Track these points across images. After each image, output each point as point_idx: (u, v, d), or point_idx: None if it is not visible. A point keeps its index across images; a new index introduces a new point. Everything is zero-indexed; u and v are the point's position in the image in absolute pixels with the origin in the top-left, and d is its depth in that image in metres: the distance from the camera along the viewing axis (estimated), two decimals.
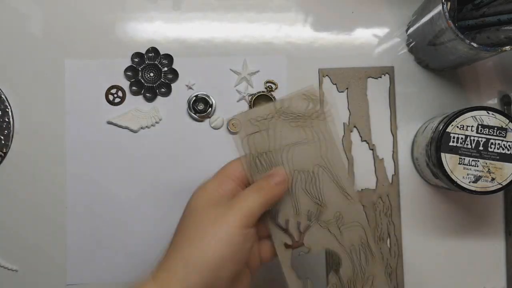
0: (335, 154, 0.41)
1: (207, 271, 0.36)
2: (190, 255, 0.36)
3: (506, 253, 0.56)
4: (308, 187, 0.40)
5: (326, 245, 0.41)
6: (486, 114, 0.48)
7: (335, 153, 0.41)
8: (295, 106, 0.40)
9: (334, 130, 0.40)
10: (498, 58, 0.56)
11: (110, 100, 0.56)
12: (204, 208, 0.39)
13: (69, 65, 0.56)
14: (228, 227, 0.37)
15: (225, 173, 0.41)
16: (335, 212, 0.41)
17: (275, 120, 0.40)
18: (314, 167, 0.41)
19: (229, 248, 0.36)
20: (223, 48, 0.57)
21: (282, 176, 0.40)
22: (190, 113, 0.56)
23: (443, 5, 0.46)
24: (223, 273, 0.36)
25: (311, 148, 0.41)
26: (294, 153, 0.40)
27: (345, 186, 0.40)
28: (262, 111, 0.41)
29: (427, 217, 0.56)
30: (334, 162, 0.41)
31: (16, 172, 0.56)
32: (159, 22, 0.57)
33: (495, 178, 0.48)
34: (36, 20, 0.57)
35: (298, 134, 0.40)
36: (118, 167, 0.56)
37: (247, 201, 0.38)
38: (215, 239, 0.36)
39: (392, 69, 0.57)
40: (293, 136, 0.40)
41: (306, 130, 0.40)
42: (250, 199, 0.38)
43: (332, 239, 0.41)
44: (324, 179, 0.40)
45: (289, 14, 0.57)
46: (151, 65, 0.56)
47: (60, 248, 0.55)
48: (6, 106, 0.56)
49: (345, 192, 0.41)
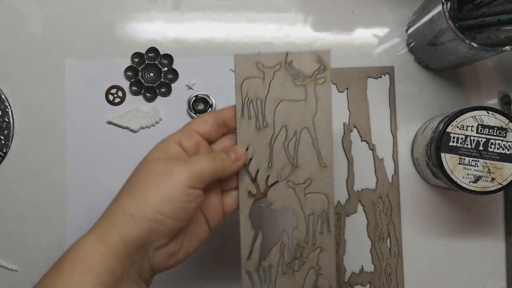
0: (325, 120, 0.41)
1: (145, 224, 0.36)
2: (129, 207, 0.36)
3: (506, 253, 0.56)
4: (288, 146, 0.41)
5: (287, 204, 0.41)
6: (486, 114, 0.48)
7: (326, 119, 0.41)
8: (304, 64, 0.40)
9: (331, 96, 0.40)
10: (498, 58, 0.56)
11: (110, 100, 0.56)
12: (156, 160, 0.38)
13: (69, 65, 0.56)
14: (172, 183, 0.36)
15: (191, 127, 0.41)
16: (307, 177, 0.41)
17: (281, 72, 0.40)
18: (301, 128, 0.41)
19: (170, 205, 0.36)
20: (223, 48, 0.57)
21: (241, 155, 0.40)
22: (190, 113, 0.56)
23: (443, 5, 0.46)
24: (162, 228, 0.36)
25: (304, 109, 0.41)
26: (287, 109, 0.41)
27: (323, 153, 0.40)
28: (271, 58, 0.41)
29: (427, 217, 0.56)
30: (322, 128, 0.41)
31: (16, 172, 0.56)
32: (159, 22, 0.57)
33: (495, 178, 0.48)
34: (36, 20, 0.57)
35: (298, 92, 0.40)
36: (118, 167, 0.56)
37: (200, 163, 0.38)
38: (156, 194, 0.36)
39: (392, 69, 0.57)
40: (292, 93, 0.40)
41: (307, 90, 0.40)
42: (203, 163, 0.38)
43: (295, 200, 0.41)
44: (305, 142, 0.40)
45: (289, 14, 0.57)
46: (151, 65, 0.56)
47: (60, 248, 0.55)
48: (6, 106, 0.56)
49: (322, 159, 0.40)
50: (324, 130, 0.41)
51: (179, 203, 0.36)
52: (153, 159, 0.39)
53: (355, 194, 0.56)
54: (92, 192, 0.56)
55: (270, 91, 0.41)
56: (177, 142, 0.40)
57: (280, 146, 0.41)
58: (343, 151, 0.56)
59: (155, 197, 0.36)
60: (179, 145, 0.40)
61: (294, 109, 0.41)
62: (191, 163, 0.37)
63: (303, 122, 0.41)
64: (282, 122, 0.41)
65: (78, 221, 0.56)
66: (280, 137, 0.41)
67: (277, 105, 0.41)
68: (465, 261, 0.56)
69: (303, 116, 0.41)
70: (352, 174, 0.56)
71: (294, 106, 0.41)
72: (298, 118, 0.41)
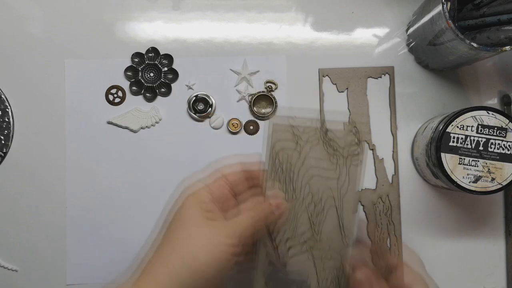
0: (352, 199, 0.40)
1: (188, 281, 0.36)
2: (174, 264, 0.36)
3: (506, 253, 0.56)
4: (313, 216, 0.40)
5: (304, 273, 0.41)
6: (486, 114, 0.48)
7: (353, 198, 0.40)
8: (339, 136, 0.40)
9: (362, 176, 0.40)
10: (498, 58, 0.56)
11: (110, 100, 0.56)
12: (195, 217, 0.38)
13: (69, 65, 0.56)
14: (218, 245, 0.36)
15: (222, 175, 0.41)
16: (327, 251, 0.41)
17: (315, 139, 0.40)
18: (327, 200, 0.40)
19: (214, 264, 0.36)
20: (223, 48, 0.57)
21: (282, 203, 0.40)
22: (190, 113, 0.56)
23: (443, 5, 0.46)
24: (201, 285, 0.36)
25: (333, 183, 0.40)
26: (315, 179, 0.40)
27: (346, 233, 0.40)
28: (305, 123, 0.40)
29: (427, 217, 0.56)
30: (348, 206, 0.40)
31: (16, 172, 0.56)
32: (159, 22, 0.57)
33: (495, 178, 0.48)
34: (36, 20, 0.57)
35: (329, 163, 0.40)
36: (118, 167, 0.56)
37: (242, 223, 0.38)
38: (202, 254, 0.36)
39: (392, 69, 0.57)
40: (323, 163, 0.40)
41: (338, 163, 0.40)
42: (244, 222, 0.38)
43: (312, 269, 0.41)
44: (331, 216, 0.40)
45: (289, 14, 0.57)
46: (151, 65, 0.56)
47: (60, 248, 0.55)
48: (6, 106, 0.56)
49: (344, 238, 0.40)
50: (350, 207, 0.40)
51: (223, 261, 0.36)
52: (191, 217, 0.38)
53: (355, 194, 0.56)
54: (92, 192, 0.56)
55: (302, 156, 0.40)
56: (209, 191, 0.39)
57: (305, 216, 0.40)
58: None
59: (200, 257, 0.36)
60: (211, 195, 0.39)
61: (323, 180, 0.40)
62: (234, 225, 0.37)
63: (330, 194, 0.40)
64: (311, 193, 0.40)
65: (78, 221, 0.56)
66: (306, 207, 0.40)
67: (306, 171, 0.40)
68: (465, 261, 0.56)
69: (330, 189, 0.40)
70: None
71: (323, 176, 0.40)
72: (325, 190, 0.40)
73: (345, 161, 0.39)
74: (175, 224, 0.39)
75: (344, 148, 0.39)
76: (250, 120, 0.56)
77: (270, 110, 0.56)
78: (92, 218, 0.56)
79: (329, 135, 0.39)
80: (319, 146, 0.40)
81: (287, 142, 0.40)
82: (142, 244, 0.56)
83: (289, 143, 0.40)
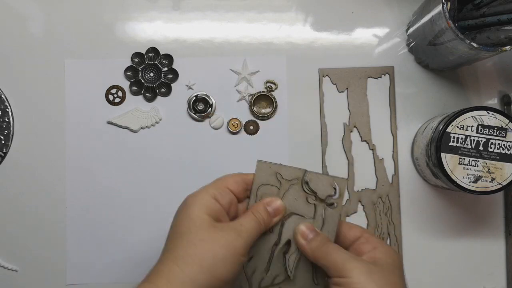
0: None
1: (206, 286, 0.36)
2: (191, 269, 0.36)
3: (506, 253, 0.56)
4: (288, 257, 0.41)
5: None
6: (486, 114, 0.48)
7: None
8: (321, 186, 0.41)
9: (338, 221, 0.41)
10: (498, 58, 0.56)
11: (110, 100, 0.56)
12: (203, 220, 0.38)
13: (69, 65, 0.56)
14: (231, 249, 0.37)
15: (224, 183, 0.41)
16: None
17: (297, 186, 0.41)
18: None
19: (230, 269, 0.36)
20: (223, 48, 0.57)
21: (280, 209, 0.41)
22: (190, 113, 0.56)
23: (443, 5, 0.46)
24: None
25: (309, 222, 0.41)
26: (293, 224, 0.41)
27: (319, 272, 0.41)
28: (290, 172, 0.42)
29: (427, 217, 0.56)
30: None
31: (16, 172, 0.56)
32: (159, 22, 0.57)
33: (495, 178, 0.48)
34: (36, 20, 0.57)
35: (307, 210, 0.41)
36: (118, 167, 0.56)
37: (247, 225, 0.38)
38: (219, 259, 0.36)
39: (392, 69, 0.57)
40: (302, 209, 0.41)
41: (316, 210, 0.41)
42: (248, 223, 0.39)
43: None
44: (305, 259, 0.41)
45: (289, 14, 0.57)
46: (151, 65, 0.56)
47: (60, 248, 0.55)
48: (6, 106, 0.56)
49: (316, 278, 0.41)
50: None
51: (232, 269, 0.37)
52: (199, 219, 0.38)
53: (355, 194, 0.56)
54: (92, 192, 0.56)
55: (282, 196, 0.41)
56: (214, 197, 0.40)
57: (280, 256, 0.41)
58: (343, 151, 0.56)
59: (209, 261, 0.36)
60: (217, 201, 0.40)
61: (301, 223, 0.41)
62: (244, 232, 0.38)
63: None
64: (288, 234, 0.41)
65: (78, 221, 0.56)
66: (282, 248, 0.41)
67: (287, 217, 0.41)
68: (465, 261, 0.56)
69: None
70: (352, 174, 0.56)
71: (302, 222, 0.41)
72: None
73: (323, 205, 0.41)
74: (182, 226, 0.38)
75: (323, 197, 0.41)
76: (250, 120, 0.56)
77: (270, 110, 0.56)
78: (92, 218, 0.56)
79: (310, 185, 0.41)
80: (299, 192, 0.41)
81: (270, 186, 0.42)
82: (142, 244, 0.56)
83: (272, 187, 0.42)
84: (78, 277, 0.55)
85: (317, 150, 0.56)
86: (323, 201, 0.41)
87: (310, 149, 0.56)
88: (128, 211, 0.56)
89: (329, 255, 0.38)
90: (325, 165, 0.56)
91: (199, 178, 0.55)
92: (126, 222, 0.56)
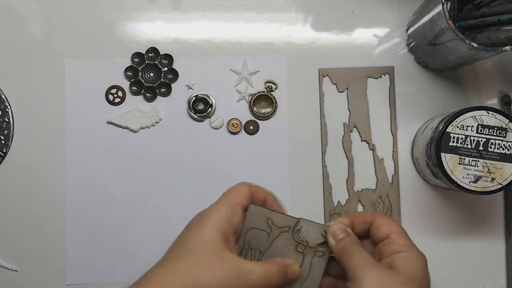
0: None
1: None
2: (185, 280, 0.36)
3: (506, 253, 0.56)
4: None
5: None
6: (486, 114, 0.48)
7: None
8: (311, 234, 0.41)
9: (324, 268, 0.41)
10: (498, 58, 0.56)
11: (110, 100, 0.56)
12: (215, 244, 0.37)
13: (69, 65, 0.56)
14: None
15: (237, 199, 0.40)
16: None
17: (287, 234, 0.41)
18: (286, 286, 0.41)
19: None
20: (223, 48, 0.57)
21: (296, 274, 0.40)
22: (190, 113, 0.56)
23: (443, 5, 0.46)
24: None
25: None
26: None
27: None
28: (282, 219, 0.41)
29: (427, 217, 0.56)
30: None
31: (16, 172, 0.56)
32: (159, 22, 0.57)
33: (495, 178, 0.48)
34: (36, 20, 0.57)
35: (296, 257, 0.41)
36: (118, 167, 0.56)
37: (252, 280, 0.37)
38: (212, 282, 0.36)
39: (392, 69, 0.57)
40: (291, 257, 0.41)
41: (304, 258, 0.41)
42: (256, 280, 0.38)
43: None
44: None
45: (289, 14, 0.57)
46: (151, 65, 0.56)
47: (60, 248, 0.55)
48: (6, 106, 0.56)
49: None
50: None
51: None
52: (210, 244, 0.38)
53: (355, 194, 0.56)
54: (92, 192, 0.56)
55: (271, 247, 0.41)
56: (228, 218, 0.39)
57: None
58: (343, 151, 0.56)
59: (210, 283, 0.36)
60: (230, 223, 0.39)
61: None
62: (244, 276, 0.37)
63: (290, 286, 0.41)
64: None
65: (78, 221, 0.56)
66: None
67: None
68: (465, 261, 0.56)
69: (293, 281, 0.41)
70: (352, 174, 0.56)
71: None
72: None
73: (311, 253, 0.41)
74: (191, 244, 0.38)
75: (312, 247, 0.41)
76: (250, 120, 0.56)
77: (270, 110, 0.56)
78: (92, 218, 0.56)
79: (301, 233, 0.41)
80: (289, 239, 0.41)
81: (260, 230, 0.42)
82: (142, 244, 0.56)
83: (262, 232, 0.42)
84: (78, 277, 0.55)
85: (317, 150, 0.56)
86: (312, 249, 0.41)
87: (310, 149, 0.56)
88: (128, 211, 0.56)
89: (349, 258, 0.38)
90: (325, 165, 0.56)
91: (199, 178, 0.56)
92: (126, 222, 0.56)
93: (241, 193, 0.41)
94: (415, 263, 0.38)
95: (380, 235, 0.39)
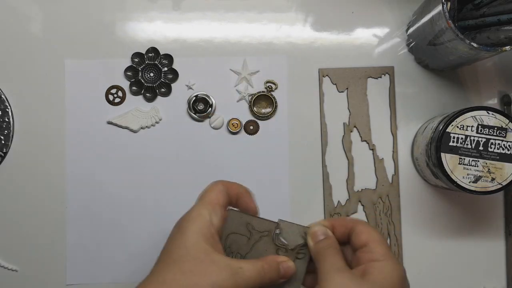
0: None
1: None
2: None
3: (506, 253, 0.56)
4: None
5: None
6: (486, 114, 0.48)
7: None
8: (291, 237, 0.41)
9: (305, 269, 0.41)
10: (498, 58, 0.56)
11: (110, 100, 0.56)
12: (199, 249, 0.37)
13: (69, 65, 0.56)
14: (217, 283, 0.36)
15: (215, 199, 0.40)
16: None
17: (267, 238, 0.41)
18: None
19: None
20: (223, 48, 0.57)
21: (291, 270, 0.40)
22: (190, 113, 0.56)
23: (443, 5, 0.46)
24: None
25: None
26: None
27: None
28: (262, 224, 0.41)
29: (427, 217, 0.56)
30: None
31: (16, 172, 0.56)
32: (159, 22, 0.57)
33: (495, 178, 0.48)
34: (36, 20, 0.57)
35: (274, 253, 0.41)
36: (118, 167, 0.56)
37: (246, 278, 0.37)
38: None
39: (392, 69, 0.57)
40: (270, 251, 0.41)
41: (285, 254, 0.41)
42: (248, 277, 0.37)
43: None
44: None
45: (289, 14, 0.57)
46: (151, 65, 0.56)
47: (60, 248, 0.55)
48: (6, 106, 0.56)
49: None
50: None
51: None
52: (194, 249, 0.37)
53: (355, 194, 0.56)
54: (92, 192, 0.56)
55: (252, 251, 0.41)
56: (210, 220, 0.39)
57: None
58: (343, 151, 0.56)
59: None
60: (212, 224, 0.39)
61: None
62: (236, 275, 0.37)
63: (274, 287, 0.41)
64: None
65: (78, 221, 0.56)
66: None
67: None
68: (465, 261, 0.56)
69: None
70: (352, 174, 0.56)
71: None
72: None
73: (292, 255, 0.41)
74: (175, 254, 0.37)
75: (293, 250, 0.41)
76: (250, 120, 0.56)
77: (270, 110, 0.56)
78: (92, 218, 0.56)
79: (281, 237, 0.41)
80: (269, 243, 0.41)
81: (240, 235, 0.41)
82: (142, 244, 0.56)
83: (242, 236, 0.41)
84: (78, 277, 0.55)
85: (317, 150, 0.56)
86: (293, 252, 0.41)
87: (310, 149, 0.56)
88: (128, 211, 0.56)
89: (322, 260, 0.38)
90: (325, 165, 0.56)
91: (199, 178, 0.56)
92: (126, 222, 0.56)
93: (216, 192, 0.41)
94: (389, 273, 0.37)
95: (359, 242, 0.39)
